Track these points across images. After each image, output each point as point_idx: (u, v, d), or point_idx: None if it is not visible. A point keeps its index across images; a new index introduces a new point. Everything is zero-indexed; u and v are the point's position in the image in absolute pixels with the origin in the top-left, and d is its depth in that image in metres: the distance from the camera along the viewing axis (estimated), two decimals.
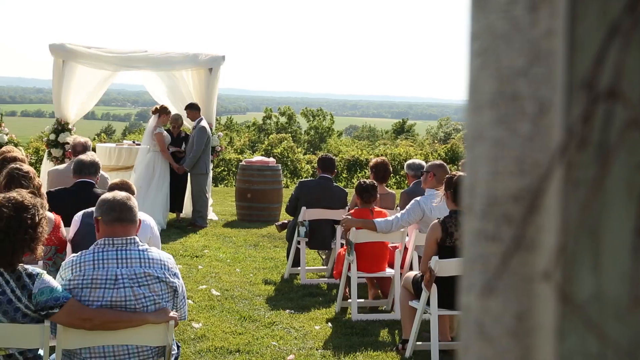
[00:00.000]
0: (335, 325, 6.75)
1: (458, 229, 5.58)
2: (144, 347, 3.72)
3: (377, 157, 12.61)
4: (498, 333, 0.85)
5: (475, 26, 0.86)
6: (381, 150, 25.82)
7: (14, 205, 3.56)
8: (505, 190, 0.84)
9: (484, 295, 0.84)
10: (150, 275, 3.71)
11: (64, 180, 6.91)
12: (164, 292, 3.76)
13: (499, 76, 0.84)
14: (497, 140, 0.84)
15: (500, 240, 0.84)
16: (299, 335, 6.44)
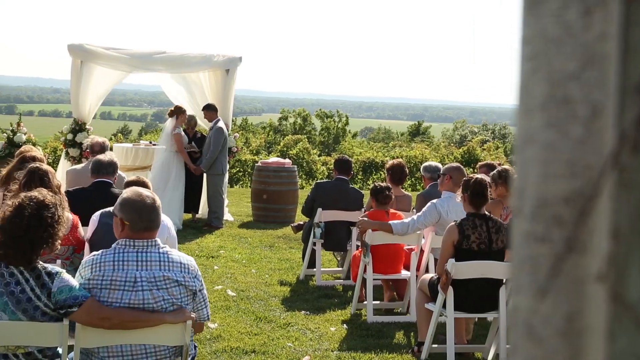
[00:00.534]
0: (350, 327, 6.75)
1: (475, 232, 5.56)
2: (161, 347, 3.73)
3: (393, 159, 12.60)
4: (548, 334, 0.85)
5: (526, 30, 0.86)
6: (396, 153, 25.79)
7: (35, 203, 3.59)
8: (556, 193, 0.84)
9: (536, 297, 0.84)
10: (169, 279, 3.70)
11: (82, 179, 6.95)
12: (183, 296, 3.76)
13: (551, 80, 0.84)
14: (548, 143, 0.85)
15: (550, 241, 0.85)
16: (314, 336, 6.44)
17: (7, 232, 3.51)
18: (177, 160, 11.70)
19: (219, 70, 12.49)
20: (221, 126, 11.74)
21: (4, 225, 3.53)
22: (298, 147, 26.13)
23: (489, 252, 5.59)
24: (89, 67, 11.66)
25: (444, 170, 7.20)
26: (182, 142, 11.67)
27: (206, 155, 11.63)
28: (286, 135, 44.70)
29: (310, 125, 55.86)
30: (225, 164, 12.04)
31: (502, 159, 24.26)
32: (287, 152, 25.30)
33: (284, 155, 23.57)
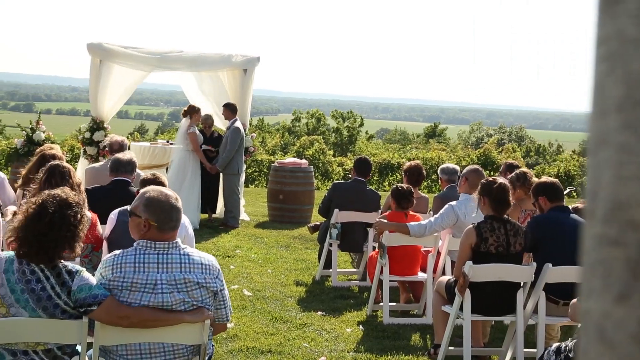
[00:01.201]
0: (366, 328, 6.74)
1: (493, 235, 5.54)
2: (179, 346, 3.74)
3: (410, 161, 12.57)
4: (620, 338, 0.84)
5: (602, 31, 0.85)
6: (413, 154, 25.74)
7: (58, 202, 3.60)
8: (631, 196, 0.83)
9: (614, 301, 0.83)
10: (190, 282, 3.69)
11: (101, 178, 6.99)
12: (204, 297, 3.75)
13: (627, 81, 0.83)
14: (623, 145, 0.83)
15: (624, 245, 0.83)
16: (330, 337, 6.44)
17: (29, 230, 3.52)
18: (193, 159, 11.75)
19: (237, 70, 12.53)
20: (238, 126, 11.77)
21: (26, 223, 3.55)
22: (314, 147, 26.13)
23: (506, 255, 5.56)
24: (108, 66, 11.72)
25: (463, 172, 7.18)
26: (197, 141, 11.71)
27: (222, 154, 11.66)
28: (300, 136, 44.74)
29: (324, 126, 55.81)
30: (241, 163, 12.06)
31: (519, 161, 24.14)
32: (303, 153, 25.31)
33: (300, 155, 23.58)
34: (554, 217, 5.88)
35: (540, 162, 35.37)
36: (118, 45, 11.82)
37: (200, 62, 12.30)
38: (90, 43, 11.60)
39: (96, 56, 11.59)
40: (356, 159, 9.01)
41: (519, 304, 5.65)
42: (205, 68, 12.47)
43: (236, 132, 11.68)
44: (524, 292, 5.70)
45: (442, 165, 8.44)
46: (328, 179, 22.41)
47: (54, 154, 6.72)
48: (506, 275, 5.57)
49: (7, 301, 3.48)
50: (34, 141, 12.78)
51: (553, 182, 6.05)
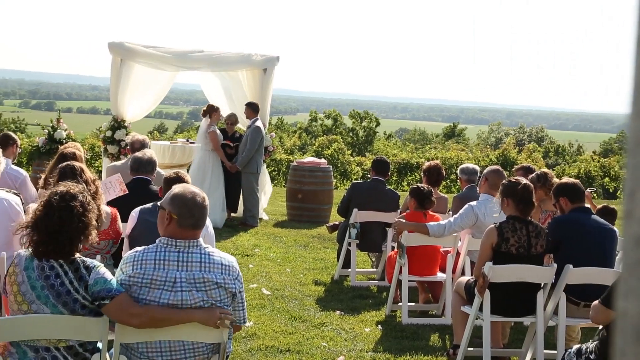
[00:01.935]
0: (385, 328, 6.73)
1: (514, 235, 5.51)
2: (199, 344, 3.75)
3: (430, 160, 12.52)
4: None
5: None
6: (431, 154, 25.67)
7: (61, 197, 3.63)
8: None
9: None
10: (209, 281, 3.70)
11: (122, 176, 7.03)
12: (223, 297, 3.76)
13: None
14: None
15: None
16: (349, 337, 6.44)
17: (42, 230, 3.56)
18: (214, 159, 11.80)
19: (256, 70, 12.56)
20: (259, 125, 11.79)
21: (37, 225, 3.58)
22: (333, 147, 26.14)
23: (527, 256, 5.53)
24: (129, 65, 11.79)
25: (483, 172, 7.16)
26: (218, 140, 11.76)
27: (242, 153, 11.70)
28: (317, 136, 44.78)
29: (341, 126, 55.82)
30: (260, 162, 12.09)
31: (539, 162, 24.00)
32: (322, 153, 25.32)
33: (319, 155, 23.59)
34: (575, 218, 5.84)
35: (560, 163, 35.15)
36: (139, 44, 11.89)
37: (221, 61, 12.35)
38: (111, 42, 11.67)
39: (117, 55, 11.67)
40: (375, 158, 9.00)
41: (539, 305, 5.63)
42: (226, 68, 12.51)
43: (257, 131, 11.71)
44: (544, 293, 5.67)
45: (462, 165, 8.41)
46: (347, 179, 22.41)
47: (74, 152, 6.78)
48: (526, 276, 5.54)
49: (29, 298, 3.52)
50: (55, 140, 12.89)
51: (574, 183, 6.01)
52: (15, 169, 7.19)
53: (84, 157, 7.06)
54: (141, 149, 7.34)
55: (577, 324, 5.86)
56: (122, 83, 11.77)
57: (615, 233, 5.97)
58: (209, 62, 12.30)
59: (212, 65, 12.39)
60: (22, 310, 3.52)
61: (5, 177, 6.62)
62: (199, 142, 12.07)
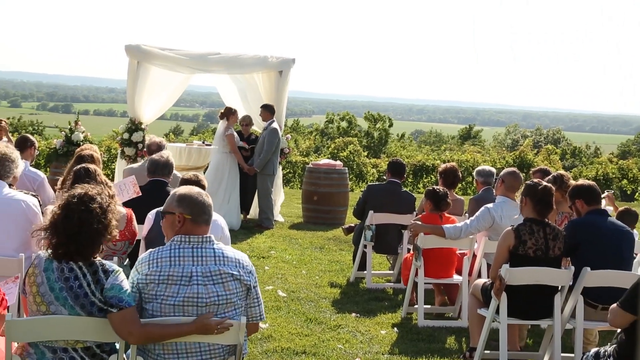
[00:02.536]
0: (401, 331, 6.71)
1: (532, 238, 5.48)
2: (215, 345, 3.76)
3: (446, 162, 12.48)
4: None
5: None
6: (447, 156, 25.60)
7: (79, 198, 3.65)
8: None
9: None
10: (225, 273, 3.75)
11: (139, 178, 7.06)
12: (239, 290, 3.79)
13: None
14: None
15: None
16: (364, 339, 6.43)
17: (61, 232, 3.58)
18: (231, 161, 11.82)
19: (272, 72, 12.56)
20: (275, 127, 11.81)
21: (57, 227, 3.60)
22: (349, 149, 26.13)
23: (545, 259, 5.50)
24: (146, 67, 11.83)
25: (500, 175, 7.13)
26: (235, 143, 11.79)
27: (259, 155, 11.72)
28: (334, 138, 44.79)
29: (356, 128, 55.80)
30: (277, 164, 12.11)
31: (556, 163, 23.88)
32: (337, 155, 25.32)
33: (335, 157, 23.59)
34: (592, 221, 5.80)
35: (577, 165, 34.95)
36: (155, 46, 11.93)
37: (237, 64, 12.37)
38: (128, 44, 11.72)
39: (134, 57, 11.72)
40: (390, 160, 8.98)
41: (556, 308, 5.59)
42: (242, 70, 12.53)
43: (274, 133, 11.73)
44: (562, 296, 5.63)
45: (478, 167, 8.38)
46: (362, 181, 22.38)
47: (91, 154, 6.82)
48: (543, 278, 5.51)
49: (47, 299, 3.54)
50: (73, 142, 12.97)
51: (590, 185, 5.97)
52: (33, 170, 7.24)
53: (100, 159, 7.10)
54: (158, 151, 7.37)
55: (595, 327, 5.82)
56: (139, 85, 11.81)
57: (632, 235, 5.93)
58: (225, 64, 12.33)
59: (229, 67, 12.41)
60: (40, 311, 3.55)
61: (23, 179, 6.67)
62: (216, 144, 12.10)
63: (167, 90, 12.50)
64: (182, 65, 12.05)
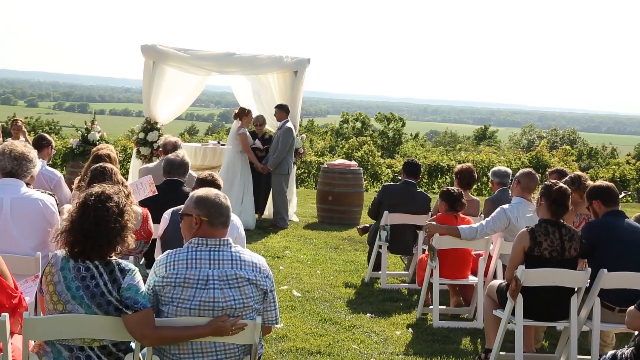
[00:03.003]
0: (416, 331, 6.70)
1: (547, 239, 5.45)
2: (231, 345, 3.76)
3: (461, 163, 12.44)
4: None
5: None
6: (462, 157, 25.51)
7: (97, 197, 3.67)
8: None
9: None
10: (241, 277, 3.74)
11: (154, 177, 7.08)
12: (255, 294, 3.78)
13: None
14: None
15: None
16: (379, 339, 6.41)
17: (78, 230, 3.59)
18: (243, 161, 11.85)
19: (287, 72, 12.57)
20: (290, 127, 11.82)
21: (74, 225, 3.61)
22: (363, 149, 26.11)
23: (561, 260, 5.46)
24: (161, 67, 11.87)
25: (516, 175, 7.09)
26: (247, 142, 11.81)
27: (273, 154, 11.73)
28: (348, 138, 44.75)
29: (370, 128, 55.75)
30: (291, 164, 12.12)
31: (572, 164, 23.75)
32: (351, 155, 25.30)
33: (349, 157, 23.57)
34: (609, 222, 5.76)
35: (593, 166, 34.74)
36: (171, 47, 11.96)
37: (252, 64, 12.38)
38: (144, 45, 11.77)
39: (150, 58, 11.76)
40: (406, 161, 8.96)
41: (572, 309, 5.56)
42: (257, 71, 12.55)
43: (288, 133, 11.74)
44: (578, 298, 5.60)
45: (494, 168, 8.34)
46: (377, 181, 22.36)
47: (108, 154, 6.86)
48: (560, 280, 5.48)
49: (64, 298, 3.55)
50: (89, 141, 13.04)
51: (608, 186, 5.92)
52: (50, 170, 7.28)
53: (117, 159, 7.13)
54: (173, 151, 7.40)
55: (612, 329, 5.78)
56: (155, 85, 11.86)
57: None
58: (240, 65, 12.35)
59: (244, 68, 12.43)
60: (57, 310, 3.56)
61: (40, 178, 6.71)
62: (229, 143, 12.13)
63: (184, 91, 12.53)
64: (197, 66, 12.08)
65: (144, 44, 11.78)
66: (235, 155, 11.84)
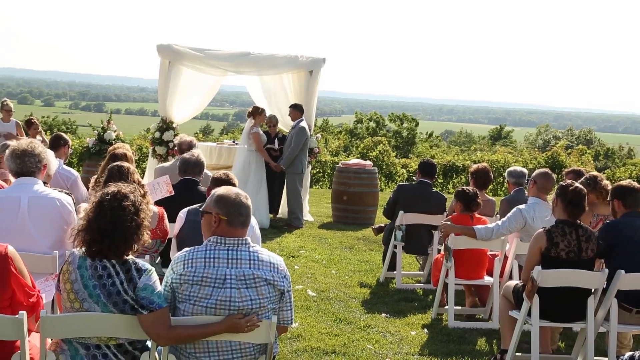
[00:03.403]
0: (431, 332, 6.68)
1: (564, 240, 5.42)
2: (246, 344, 3.77)
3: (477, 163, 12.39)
4: None
5: None
6: (478, 157, 25.41)
7: (112, 195, 3.68)
8: None
9: None
10: (258, 278, 3.74)
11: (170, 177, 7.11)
12: (272, 295, 3.79)
13: None
14: None
15: None
16: (394, 339, 6.40)
17: (95, 230, 3.60)
18: (257, 159, 11.86)
19: (302, 72, 12.57)
20: (304, 126, 11.83)
21: (90, 225, 3.63)
22: (378, 149, 26.06)
23: (577, 261, 5.43)
24: (177, 67, 11.91)
25: (532, 175, 7.06)
26: (261, 141, 11.82)
27: (286, 153, 11.75)
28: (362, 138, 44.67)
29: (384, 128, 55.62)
30: (305, 163, 12.12)
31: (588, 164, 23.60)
32: (366, 154, 25.26)
33: (364, 157, 23.55)
34: (628, 223, 5.72)
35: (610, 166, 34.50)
36: (187, 46, 11.99)
37: (268, 64, 12.39)
38: (160, 44, 11.81)
39: (166, 57, 11.80)
40: (421, 161, 8.94)
41: (589, 310, 5.52)
42: (273, 71, 12.55)
43: (302, 132, 11.75)
44: (595, 299, 5.56)
45: (510, 168, 8.30)
46: (392, 181, 22.31)
47: (125, 153, 6.88)
48: (576, 281, 5.44)
49: (81, 296, 3.57)
50: (105, 140, 13.11)
51: (633, 188, 5.85)
52: (66, 169, 7.32)
53: (133, 158, 7.16)
54: (189, 150, 7.41)
55: (629, 330, 5.74)
56: (171, 85, 11.89)
57: None
58: (256, 65, 12.36)
59: (260, 68, 12.44)
60: (74, 308, 3.58)
61: (57, 177, 6.75)
62: (242, 142, 12.15)
63: (199, 91, 12.56)
64: (213, 66, 12.11)
65: (159, 44, 11.82)
66: (249, 154, 11.85)
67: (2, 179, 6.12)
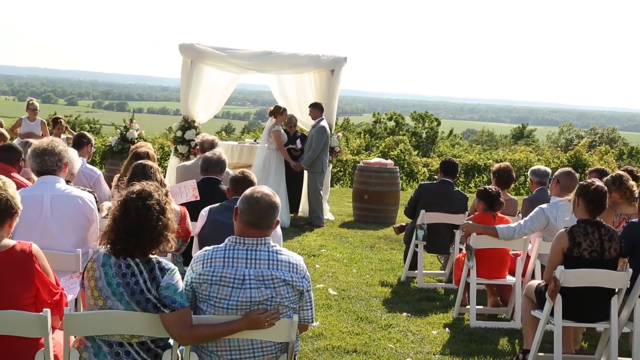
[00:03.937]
0: (452, 331, 6.66)
1: (586, 239, 5.37)
2: (268, 343, 3.77)
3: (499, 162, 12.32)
4: None
5: None
6: (500, 156, 25.27)
7: (138, 195, 3.69)
8: None
9: None
10: (277, 278, 3.74)
11: (192, 175, 7.15)
12: (291, 295, 3.79)
13: None
14: None
15: None
16: (416, 339, 6.39)
17: (121, 228, 3.62)
18: (277, 158, 11.87)
19: (324, 71, 12.57)
20: (324, 125, 11.82)
21: (116, 223, 3.64)
22: (399, 148, 26.00)
23: (600, 261, 5.38)
24: (199, 66, 11.95)
25: (555, 175, 7.01)
26: (281, 139, 11.84)
27: (307, 152, 11.75)
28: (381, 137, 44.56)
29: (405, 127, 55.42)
30: (326, 162, 12.12)
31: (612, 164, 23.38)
32: (388, 153, 25.21)
33: (385, 156, 23.49)
34: None
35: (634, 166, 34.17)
36: (209, 45, 12.03)
37: (291, 63, 12.40)
38: (182, 44, 11.86)
39: (188, 57, 11.84)
40: (443, 160, 8.91)
41: (613, 311, 5.47)
42: (295, 70, 12.57)
43: (322, 131, 11.75)
44: (619, 299, 5.51)
45: (533, 167, 8.25)
46: (413, 180, 22.25)
47: (147, 152, 6.93)
48: (600, 281, 5.40)
49: (104, 294, 3.59)
50: (128, 139, 13.20)
51: None
52: (89, 167, 7.38)
53: (155, 157, 7.20)
54: (211, 149, 7.44)
55: None
56: (193, 84, 11.94)
57: None
58: (278, 64, 12.38)
59: (282, 67, 12.46)
60: (97, 306, 3.61)
61: (80, 176, 6.80)
62: (262, 141, 12.17)
63: (221, 90, 12.60)
64: (235, 65, 12.13)
65: (182, 43, 11.87)
66: (269, 152, 11.87)
67: (25, 178, 6.18)
